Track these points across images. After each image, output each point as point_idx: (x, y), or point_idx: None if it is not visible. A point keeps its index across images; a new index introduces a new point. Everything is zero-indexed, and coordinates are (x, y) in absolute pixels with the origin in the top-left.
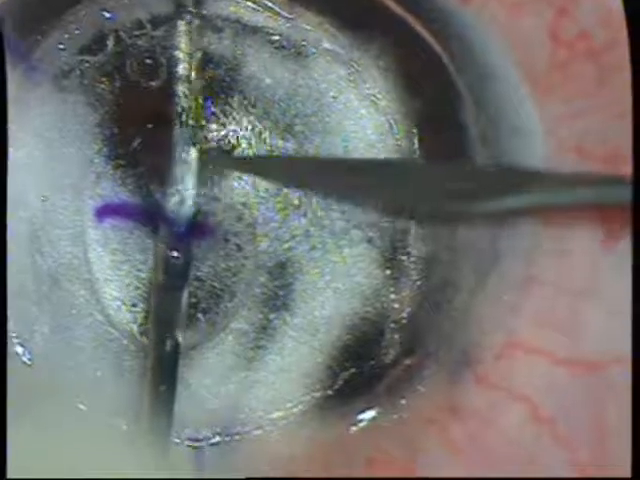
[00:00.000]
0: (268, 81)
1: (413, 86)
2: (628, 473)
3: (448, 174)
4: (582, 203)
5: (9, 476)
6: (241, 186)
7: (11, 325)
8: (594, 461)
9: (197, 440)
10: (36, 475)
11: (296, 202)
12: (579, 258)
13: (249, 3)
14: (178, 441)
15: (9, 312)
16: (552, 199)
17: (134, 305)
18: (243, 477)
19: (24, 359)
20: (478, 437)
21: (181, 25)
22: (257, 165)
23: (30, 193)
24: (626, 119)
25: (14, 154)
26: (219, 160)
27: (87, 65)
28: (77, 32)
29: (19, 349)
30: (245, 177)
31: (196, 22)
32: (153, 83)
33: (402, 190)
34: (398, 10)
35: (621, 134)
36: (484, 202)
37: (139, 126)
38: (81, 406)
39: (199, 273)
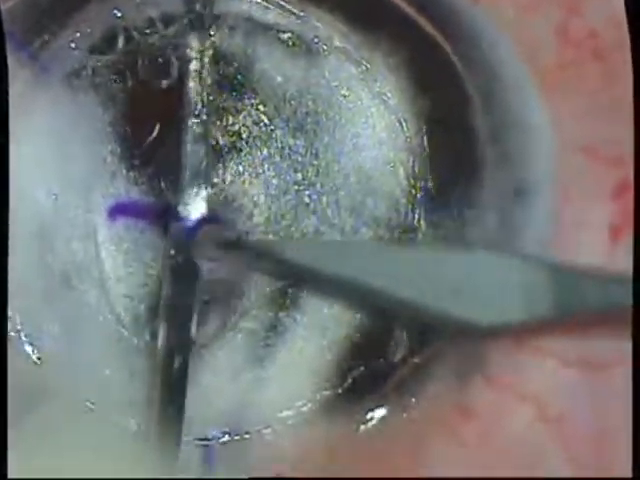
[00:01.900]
0: (279, 79)
1: (423, 85)
2: (629, 473)
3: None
4: None
5: (14, 476)
6: (252, 185)
7: (20, 324)
8: (597, 460)
9: (206, 439)
10: (44, 474)
11: (306, 200)
12: None
13: (260, 1)
14: (187, 440)
15: (18, 310)
16: None
17: (145, 304)
18: (247, 477)
19: (33, 358)
20: (487, 436)
21: (192, 23)
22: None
23: (40, 191)
24: (632, 119)
25: (22, 150)
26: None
27: (98, 64)
28: (88, 31)
29: (28, 348)
30: (257, 176)
31: (208, 20)
32: (164, 81)
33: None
34: (408, 9)
35: (627, 134)
36: None
37: (150, 124)
38: (90, 405)
39: (209, 272)
